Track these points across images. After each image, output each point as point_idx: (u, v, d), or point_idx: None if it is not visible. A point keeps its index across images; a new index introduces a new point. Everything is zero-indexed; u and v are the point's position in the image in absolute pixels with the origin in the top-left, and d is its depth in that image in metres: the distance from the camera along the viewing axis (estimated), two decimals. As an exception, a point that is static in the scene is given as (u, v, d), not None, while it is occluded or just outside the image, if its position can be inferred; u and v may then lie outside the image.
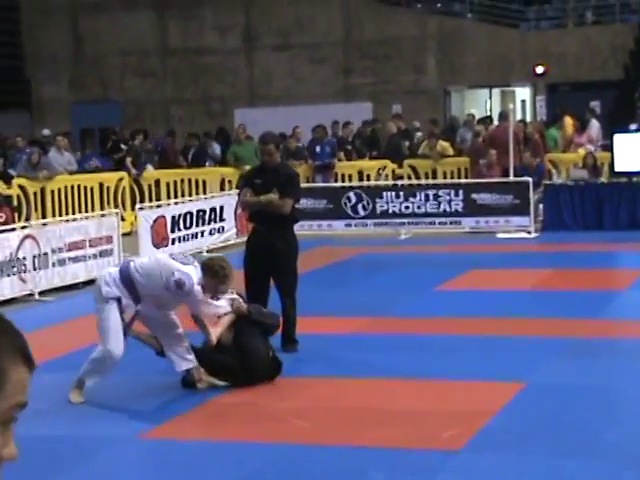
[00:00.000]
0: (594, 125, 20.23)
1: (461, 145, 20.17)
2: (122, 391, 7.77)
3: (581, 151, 18.76)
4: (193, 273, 7.41)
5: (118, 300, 7.38)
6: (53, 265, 12.57)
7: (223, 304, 7.65)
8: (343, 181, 19.35)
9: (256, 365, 7.65)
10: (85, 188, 18.25)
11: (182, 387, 7.68)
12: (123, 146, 20.77)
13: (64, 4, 28.45)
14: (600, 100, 23.38)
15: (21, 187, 17.14)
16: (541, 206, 17.07)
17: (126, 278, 7.45)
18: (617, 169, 16.82)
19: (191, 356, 7.64)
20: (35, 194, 17.31)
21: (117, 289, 7.40)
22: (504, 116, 18.75)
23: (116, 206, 17.78)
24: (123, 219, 16.74)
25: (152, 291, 7.45)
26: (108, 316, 7.38)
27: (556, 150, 19.48)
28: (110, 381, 7.85)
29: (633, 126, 18.69)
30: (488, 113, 25.13)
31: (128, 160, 19.82)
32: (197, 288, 7.35)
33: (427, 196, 16.92)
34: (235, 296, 7.83)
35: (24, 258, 12.10)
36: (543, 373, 7.88)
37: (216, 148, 21.46)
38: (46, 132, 21.57)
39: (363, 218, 17.17)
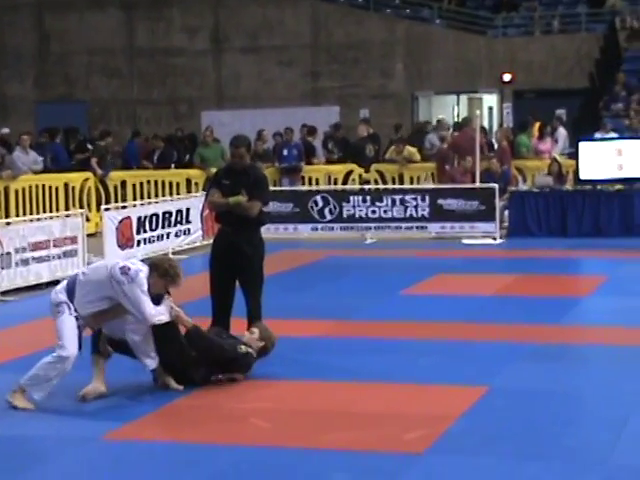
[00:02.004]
0: (561, 133, 20.40)
1: (430, 151, 20.21)
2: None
3: (545, 159, 18.89)
4: (142, 267, 7.43)
5: (67, 304, 7.39)
6: (16, 265, 12.47)
7: (162, 310, 7.49)
8: (310, 185, 19.37)
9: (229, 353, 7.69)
10: (50, 188, 18.14)
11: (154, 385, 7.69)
12: (90, 146, 20.64)
13: (30, 1, 28.25)
14: (565, 108, 23.56)
15: (-16, 186, 17.02)
16: (506, 212, 17.19)
17: (70, 284, 7.51)
18: (582, 177, 16.96)
19: (155, 354, 7.63)
20: (-1, 193, 17.19)
21: (63, 295, 7.45)
22: (466, 122, 18.85)
23: (81, 206, 17.68)
24: (88, 220, 16.64)
25: (94, 292, 7.38)
26: (62, 320, 7.38)
27: (529, 157, 19.58)
28: (71, 380, 7.79)
29: (598, 134, 18.87)
30: (456, 119, 25.25)
31: (93, 160, 19.71)
32: (142, 276, 7.31)
33: (394, 201, 16.98)
34: (174, 305, 7.60)
35: (-13, 257, 12.00)
36: (506, 377, 7.93)
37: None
38: (5, 131, 21.31)
39: (329, 222, 17.20)
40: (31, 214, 16.50)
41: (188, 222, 16.33)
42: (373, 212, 17.03)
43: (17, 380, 7.45)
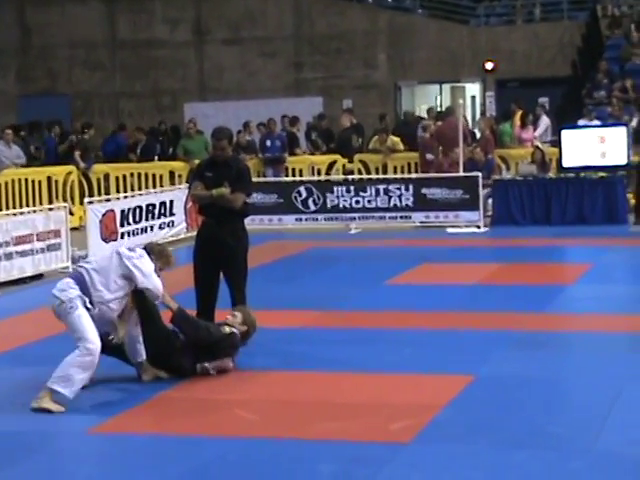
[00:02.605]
0: (544, 120, 20.42)
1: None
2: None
3: (528, 147, 18.91)
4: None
5: (80, 298, 7.30)
6: None
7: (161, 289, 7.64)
8: (294, 175, 19.35)
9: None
10: (33, 182, 18.07)
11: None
12: (74, 138, 20.56)
13: (11, -5, 28.12)
14: (548, 96, 23.60)
15: (-33, 180, 16.94)
16: (490, 201, 17.21)
17: (77, 277, 7.43)
18: (565, 164, 17.00)
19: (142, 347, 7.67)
20: (-19, 188, 17.11)
21: (74, 290, 7.33)
22: (450, 111, 18.84)
23: (65, 200, 17.62)
24: (72, 213, 16.58)
25: (114, 273, 7.43)
26: (77, 315, 7.23)
27: (513, 146, 19.58)
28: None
29: (581, 122, 18.90)
30: (439, 109, 25.26)
31: (77, 153, 19.65)
32: (147, 256, 7.57)
33: (377, 191, 16.98)
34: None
35: (-30, 252, 11.95)
36: (491, 366, 7.95)
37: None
38: None
39: (314, 212, 17.18)
40: (14, 208, 16.43)
41: (172, 214, 16.29)
42: (357, 202, 17.02)
43: (2, 374, 7.42)
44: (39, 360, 8.51)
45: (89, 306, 7.31)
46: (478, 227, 16.53)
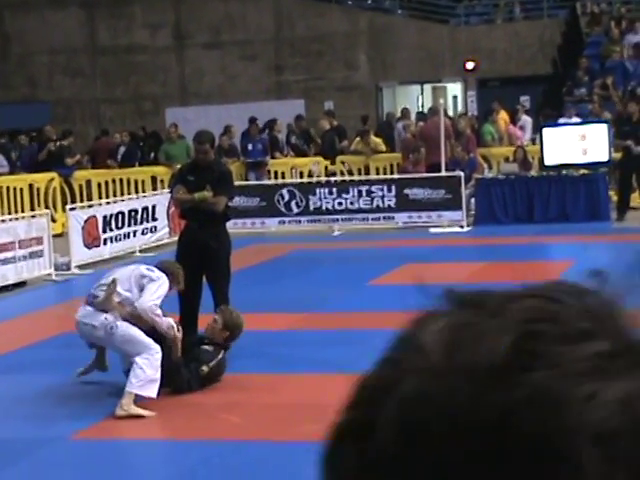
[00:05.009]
0: (527, 121, 20.50)
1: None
2: (52, 391, 7.66)
3: (516, 144, 18.95)
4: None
5: (113, 317, 7.30)
6: (-18, 267, 12.36)
7: (164, 321, 7.47)
8: (276, 178, 19.33)
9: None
10: (15, 189, 17.99)
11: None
12: (51, 146, 20.47)
13: (-10, 2, 28.01)
14: (529, 95, 23.66)
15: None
16: (473, 200, 17.23)
17: (89, 296, 7.46)
18: (547, 162, 17.04)
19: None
20: (-37, 196, 17.02)
21: (101, 315, 7.32)
22: (434, 111, 18.89)
23: (47, 207, 17.55)
24: (54, 220, 16.53)
25: (125, 284, 7.46)
26: (121, 332, 7.24)
27: (494, 145, 19.62)
28: (39, 380, 7.75)
29: (562, 119, 18.96)
30: (420, 109, 25.29)
31: (68, 160, 19.60)
32: (164, 277, 7.53)
33: (360, 192, 16.98)
34: (176, 326, 7.60)
35: (-49, 261, 11.88)
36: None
37: None
38: None
39: (296, 215, 17.17)
40: (-4, 216, 16.36)
41: (154, 220, 16.25)
42: (340, 204, 17.02)
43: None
44: (21, 367, 8.48)
45: (119, 319, 7.32)
46: (461, 227, 16.55)
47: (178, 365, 7.54)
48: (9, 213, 16.89)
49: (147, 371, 7.08)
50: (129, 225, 15.58)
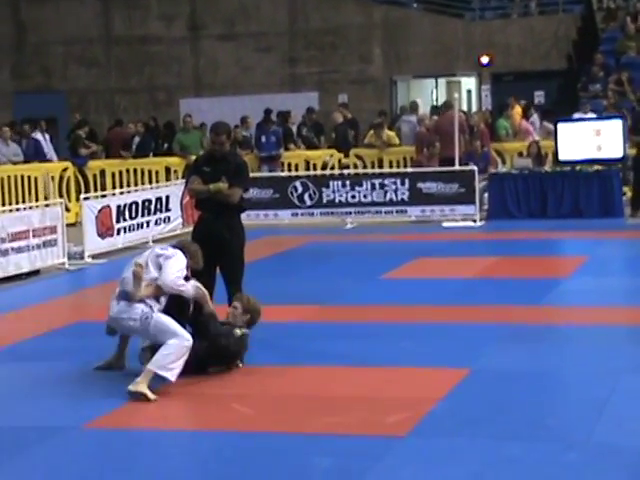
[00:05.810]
0: (536, 119, 20.48)
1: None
2: (65, 380, 7.70)
3: (530, 139, 18.92)
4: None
5: (147, 305, 7.38)
6: (-4, 255, 12.41)
7: (189, 286, 7.59)
8: (290, 170, 19.35)
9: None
10: (29, 178, 18.05)
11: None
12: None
13: (6, -8, 28.08)
14: (544, 90, 23.62)
15: (-37, 177, 16.91)
16: (486, 195, 17.22)
17: (120, 292, 7.52)
18: (561, 158, 17.01)
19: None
20: (-22, 184, 17.08)
21: (139, 304, 7.40)
22: (448, 105, 18.86)
23: (61, 196, 17.60)
24: (68, 209, 16.59)
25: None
26: (154, 322, 7.31)
27: (508, 140, 19.58)
28: (52, 369, 7.78)
29: (577, 115, 18.91)
30: (434, 103, 25.24)
31: (82, 151, 19.67)
32: (179, 252, 7.62)
33: (373, 185, 16.99)
34: (200, 286, 7.73)
35: (-34, 249, 11.94)
36: (487, 359, 7.96)
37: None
38: None
39: (309, 207, 17.19)
40: (10, 204, 16.41)
41: (168, 210, 16.29)
42: (353, 197, 17.03)
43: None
44: (35, 356, 8.53)
45: (155, 307, 7.39)
46: (474, 221, 16.54)
47: (213, 315, 7.69)
48: (23, 202, 16.96)
49: (173, 355, 7.18)
50: (142, 215, 15.62)
